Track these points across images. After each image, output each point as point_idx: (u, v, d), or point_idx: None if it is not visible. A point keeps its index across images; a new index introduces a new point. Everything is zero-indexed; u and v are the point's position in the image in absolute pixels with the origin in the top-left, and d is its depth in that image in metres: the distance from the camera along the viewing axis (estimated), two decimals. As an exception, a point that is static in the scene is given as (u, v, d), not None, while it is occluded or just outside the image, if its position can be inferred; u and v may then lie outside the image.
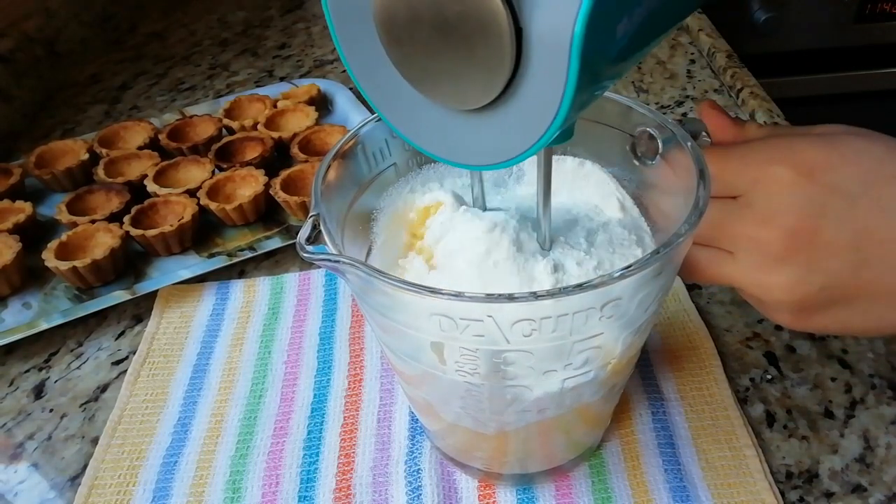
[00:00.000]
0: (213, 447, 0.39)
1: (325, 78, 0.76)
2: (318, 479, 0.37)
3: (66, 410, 0.43)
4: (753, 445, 0.37)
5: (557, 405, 0.29)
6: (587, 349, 0.26)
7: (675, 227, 0.26)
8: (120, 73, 0.84)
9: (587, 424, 0.35)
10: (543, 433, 0.33)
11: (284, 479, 0.38)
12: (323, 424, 0.40)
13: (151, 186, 0.56)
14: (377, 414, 0.40)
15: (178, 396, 0.42)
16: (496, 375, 0.27)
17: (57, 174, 0.59)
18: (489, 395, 0.29)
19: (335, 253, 0.26)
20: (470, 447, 0.36)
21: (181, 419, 0.41)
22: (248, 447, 0.39)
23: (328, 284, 0.49)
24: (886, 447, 0.37)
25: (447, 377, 0.28)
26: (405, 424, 0.40)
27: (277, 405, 0.41)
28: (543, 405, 0.29)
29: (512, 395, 0.28)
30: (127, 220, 0.53)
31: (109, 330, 0.48)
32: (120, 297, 0.48)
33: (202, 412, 0.41)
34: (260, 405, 0.42)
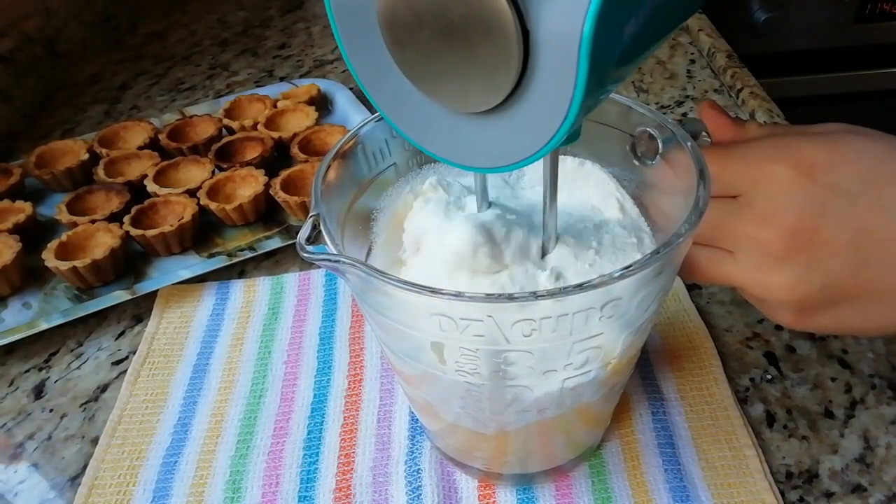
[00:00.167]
0: (213, 447, 0.39)
1: (325, 78, 0.76)
2: (318, 479, 0.37)
3: (66, 410, 0.43)
4: (753, 445, 0.37)
5: (557, 405, 0.29)
6: (587, 349, 0.26)
7: (675, 227, 0.26)
8: (120, 73, 0.84)
9: (587, 424, 0.35)
10: (543, 433, 0.33)
11: (284, 479, 0.38)
12: (323, 424, 0.40)
13: (151, 186, 0.56)
14: (377, 414, 0.40)
15: (178, 396, 0.42)
16: (496, 375, 0.27)
17: (57, 174, 0.59)
18: (489, 395, 0.29)
19: (335, 253, 0.26)
20: (470, 447, 0.36)
21: (181, 419, 0.41)
22: (248, 447, 0.39)
23: (328, 284, 0.49)
24: (886, 447, 0.37)
25: (447, 377, 0.28)
26: (405, 424, 0.40)
27: (277, 405, 0.41)
28: (543, 405, 0.29)
29: (512, 395, 0.28)
30: (127, 220, 0.53)
31: (109, 330, 0.48)
32: (120, 297, 0.48)
33: (202, 412, 0.41)
34: (260, 405, 0.42)
